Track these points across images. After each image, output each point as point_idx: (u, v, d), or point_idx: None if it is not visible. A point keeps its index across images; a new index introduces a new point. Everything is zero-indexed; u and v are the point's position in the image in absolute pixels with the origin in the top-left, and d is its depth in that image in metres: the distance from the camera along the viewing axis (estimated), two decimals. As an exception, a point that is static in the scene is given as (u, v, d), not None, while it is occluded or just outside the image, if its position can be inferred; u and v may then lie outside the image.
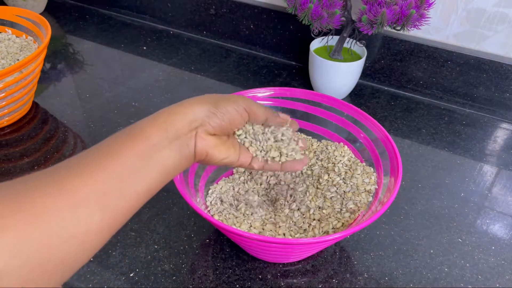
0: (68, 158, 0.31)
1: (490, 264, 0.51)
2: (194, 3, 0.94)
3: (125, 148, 0.33)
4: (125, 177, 0.31)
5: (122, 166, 0.31)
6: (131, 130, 0.35)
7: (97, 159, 0.31)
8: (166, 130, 0.35)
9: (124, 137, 0.34)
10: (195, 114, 0.37)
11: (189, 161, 0.38)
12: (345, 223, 0.49)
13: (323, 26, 0.66)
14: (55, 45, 0.94)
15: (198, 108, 0.38)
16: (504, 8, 0.68)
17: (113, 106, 0.76)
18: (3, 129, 0.71)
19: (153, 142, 0.34)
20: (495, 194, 0.60)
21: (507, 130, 0.72)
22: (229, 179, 0.57)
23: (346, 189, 0.52)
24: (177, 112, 0.37)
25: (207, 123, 0.38)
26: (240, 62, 0.89)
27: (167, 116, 0.37)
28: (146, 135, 0.34)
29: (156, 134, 0.35)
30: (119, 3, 1.05)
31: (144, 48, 0.93)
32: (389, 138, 0.51)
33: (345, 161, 0.56)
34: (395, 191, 0.44)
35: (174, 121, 0.36)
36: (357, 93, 0.80)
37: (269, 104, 0.59)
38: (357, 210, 0.50)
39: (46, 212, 0.27)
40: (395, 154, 0.49)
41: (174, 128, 0.36)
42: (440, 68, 0.75)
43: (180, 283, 0.48)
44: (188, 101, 0.39)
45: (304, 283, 0.49)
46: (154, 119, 0.36)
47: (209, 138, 0.38)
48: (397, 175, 0.46)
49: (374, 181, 0.53)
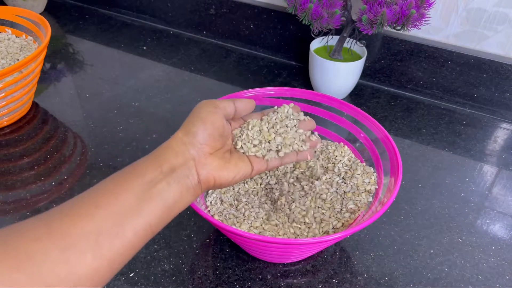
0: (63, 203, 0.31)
1: (490, 264, 0.51)
2: (194, 3, 0.94)
3: (119, 187, 0.32)
4: (119, 215, 0.30)
5: (115, 204, 0.31)
6: (125, 170, 0.34)
7: (91, 200, 0.31)
8: (160, 165, 0.34)
9: (119, 177, 0.33)
10: (183, 141, 0.37)
11: (194, 192, 0.37)
12: (345, 223, 0.49)
13: (323, 26, 0.66)
14: (55, 45, 0.94)
15: (180, 133, 0.37)
16: (504, 8, 0.68)
17: (113, 106, 0.76)
18: (3, 129, 0.71)
19: (148, 179, 0.33)
20: (495, 194, 0.60)
21: (507, 130, 0.72)
22: None
23: (346, 189, 0.52)
24: (169, 146, 0.36)
25: (197, 144, 0.37)
26: (240, 62, 0.89)
27: (160, 151, 0.36)
28: (140, 172, 0.34)
29: (150, 170, 0.34)
30: (119, 3, 1.05)
31: (144, 48, 0.93)
32: (389, 138, 0.51)
33: (345, 161, 0.56)
34: (395, 191, 0.44)
35: (166, 155, 0.35)
36: (357, 93, 0.80)
37: (268, 104, 0.59)
38: (357, 210, 0.50)
39: (32, 256, 0.26)
40: (395, 154, 0.49)
41: (168, 161, 0.35)
42: (440, 68, 0.75)
43: (180, 283, 0.48)
44: (179, 132, 0.38)
45: (304, 283, 0.49)
46: (147, 157, 0.36)
47: (211, 160, 0.38)
48: (397, 175, 0.46)
49: (374, 181, 0.53)
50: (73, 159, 0.65)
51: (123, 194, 0.31)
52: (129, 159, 0.65)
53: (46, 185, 0.60)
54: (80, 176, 0.62)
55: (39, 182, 0.61)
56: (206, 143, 0.37)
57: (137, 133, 0.70)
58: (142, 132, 0.70)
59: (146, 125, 0.72)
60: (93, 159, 0.64)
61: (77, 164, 0.64)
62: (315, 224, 0.49)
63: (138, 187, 0.32)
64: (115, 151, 0.66)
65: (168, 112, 0.75)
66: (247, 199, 0.53)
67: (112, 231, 0.29)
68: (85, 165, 0.64)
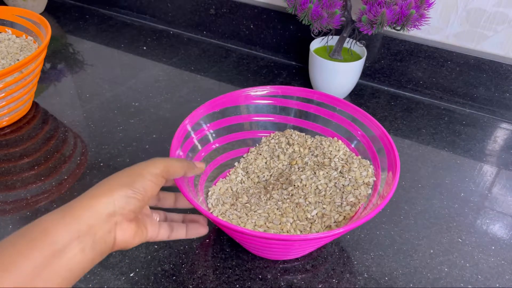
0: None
1: (490, 264, 0.51)
2: (194, 3, 0.94)
3: (22, 258, 0.28)
4: (13, 284, 0.27)
5: (13, 281, 0.27)
6: (32, 231, 0.30)
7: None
8: (77, 230, 0.30)
9: (23, 241, 0.29)
10: (115, 204, 0.33)
11: (103, 256, 0.33)
12: (346, 216, 0.49)
13: (323, 26, 0.66)
14: (55, 45, 0.94)
15: (116, 195, 0.33)
16: (504, 8, 0.68)
17: (113, 106, 0.76)
18: (3, 129, 0.71)
19: (58, 246, 0.29)
20: (495, 194, 0.60)
21: (507, 130, 0.72)
22: (226, 180, 0.57)
23: (345, 183, 0.52)
24: (91, 205, 0.32)
25: (127, 211, 0.34)
26: (240, 62, 0.89)
27: (78, 210, 0.31)
28: (50, 238, 0.29)
29: (62, 235, 0.30)
30: (119, 3, 1.05)
31: (144, 48, 0.93)
32: (386, 133, 0.51)
33: (341, 155, 0.56)
34: (395, 184, 0.44)
35: (87, 217, 0.31)
36: (357, 93, 0.80)
37: (264, 103, 0.59)
38: (357, 203, 0.50)
39: None
40: (392, 149, 0.49)
41: (87, 225, 0.31)
42: (440, 68, 0.75)
43: (180, 283, 0.48)
44: (102, 188, 0.34)
45: (304, 283, 0.49)
46: (62, 216, 0.31)
47: (130, 227, 0.34)
48: (395, 169, 0.47)
49: (372, 173, 0.53)
50: (73, 159, 0.65)
51: (22, 267, 0.28)
52: (129, 159, 0.65)
53: (46, 185, 0.60)
54: (80, 176, 0.62)
55: (39, 182, 0.61)
56: (134, 210, 0.34)
57: (137, 133, 0.70)
58: (142, 132, 0.70)
59: (146, 125, 0.72)
60: (93, 159, 0.65)
61: (77, 164, 0.64)
62: (317, 219, 0.49)
63: (44, 259, 0.28)
64: (115, 151, 0.66)
65: (168, 112, 0.75)
66: (247, 199, 0.53)
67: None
68: (85, 165, 0.64)
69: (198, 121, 0.56)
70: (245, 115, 0.60)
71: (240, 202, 0.53)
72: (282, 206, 0.51)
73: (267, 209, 0.51)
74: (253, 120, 0.61)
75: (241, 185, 0.56)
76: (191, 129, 0.54)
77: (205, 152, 0.56)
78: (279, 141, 0.60)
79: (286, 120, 0.61)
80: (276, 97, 0.60)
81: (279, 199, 0.52)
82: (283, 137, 0.60)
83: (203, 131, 0.56)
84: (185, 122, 0.53)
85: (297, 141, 0.59)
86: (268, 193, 0.54)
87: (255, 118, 0.61)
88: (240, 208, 0.52)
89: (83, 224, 0.31)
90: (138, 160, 0.59)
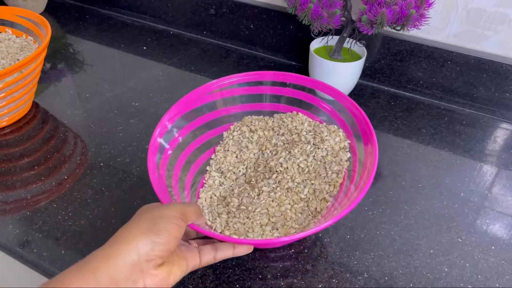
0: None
1: (490, 264, 0.51)
2: (194, 3, 0.94)
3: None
4: None
5: None
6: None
7: None
8: (97, 281, 0.29)
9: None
10: (139, 252, 0.31)
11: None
12: (335, 184, 0.50)
13: (323, 26, 0.66)
14: (55, 45, 0.94)
15: (140, 243, 0.31)
16: (504, 8, 0.68)
17: (113, 106, 0.76)
18: (3, 129, 0.71)
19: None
20: (495, 194, 0.60)
21: (507, 130, 0.72)
22: (206, 188, 0.55)
23: (323, 154, 0.52)
24: (109, 256, 0.30)
25: (153, 257, 0.32)
26: (240, 62, 0.89)
27: (97, 262, 0.30)
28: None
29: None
30: (119, 3, 1.05)
31: (144, 48, 0.93)
32: (355, 104, 0.52)
33: (306, 127, 0.55)
34: (375, 152, 0.46)
35: (105, 269, 0.30)
36: (357, 93, 0.80)
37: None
38: (341, 168, 0.51)
39: None
40: (363, 119, 0.50)
41: (108, 276, 0.29)
42: (440, 68, 0.75)
43: (180, 283, 0.48)
44: (123, 235, 0.32)
45: (304, 283, 0.49)
46: (80, 269, 0.30)
47: (160, 271, 0.33)
48: (372, 140, 0.47)
49: (344, 136, 0.53)
50: (73, 159, 0.65)
51: None
52: (129, 159, 0.65)
53: (46, 185, 0.60)
54: (80, 176, 0.62)
55: (39, 182, 0.61)
56: (161, 255, 0.33)
57: (137, 133, 0.70)
58: (142, 132, 0.70)
59: (146, 125, 0.72)
60: (93, 159, 0.65)
61: (77, 164, 0.64)
62: (311, 196, 0.50)
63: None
64: (115, 151, 0.66)
65: (168, 112, 0.75)
66: (239, 201, 0.52)
67: None
68: (85, 165, 0.64)
69: (169, 129, 0.53)
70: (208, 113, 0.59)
71: (233, 206, 0.52)
72: (276, 196, 0.51)
73: (263, 204, 0.51)
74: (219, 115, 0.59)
75: (222, 188, 0.55)
76: (163, 141, 0.52)
77: (179, 164, 0.54)
78: (241, 131, 0.59)
79: (253, 107, 0.60)
80: (253, 85, 0.59)
81: (270, 190, 0.52)
82: (244, 126, 0.59)
83: (177, 140, 0.54)
84: (155, 134, 0.51)
85: (259, 125, 0.58)
86: (255, 188, 0.53)
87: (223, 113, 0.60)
88: (238, 214, 0.51)
89: (103, 276, 0.29)
90: (138, 160, 0.59)
